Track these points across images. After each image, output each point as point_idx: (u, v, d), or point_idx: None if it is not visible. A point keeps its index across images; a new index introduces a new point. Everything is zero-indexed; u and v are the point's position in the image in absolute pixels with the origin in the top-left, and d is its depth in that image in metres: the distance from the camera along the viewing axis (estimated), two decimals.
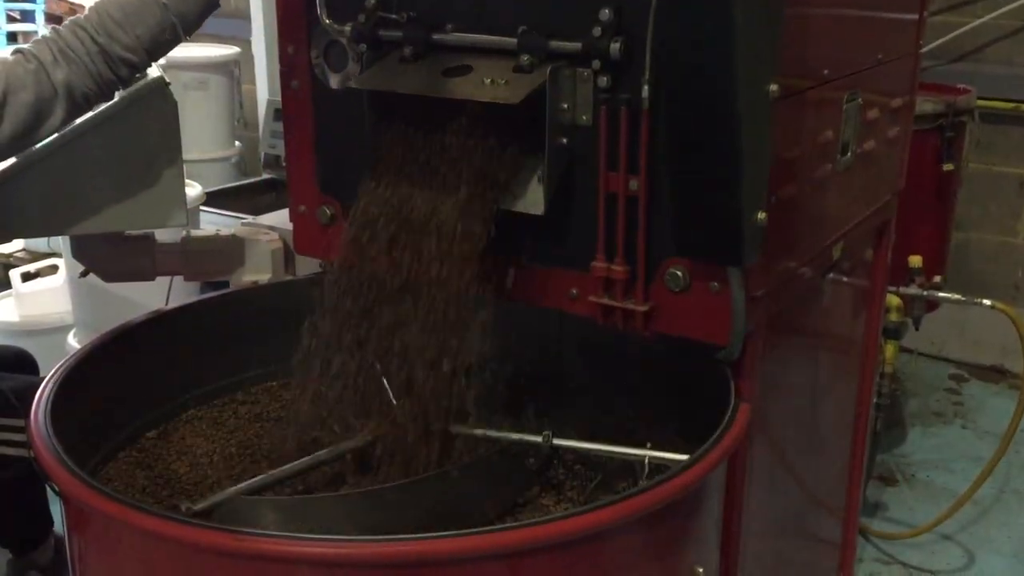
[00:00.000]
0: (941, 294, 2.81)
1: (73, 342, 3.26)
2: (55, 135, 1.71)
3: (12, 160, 1.73)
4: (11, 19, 6.47)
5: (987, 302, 2.72)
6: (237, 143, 4.74)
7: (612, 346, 1.72)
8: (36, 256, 3.94)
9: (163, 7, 1.63)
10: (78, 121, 1.74)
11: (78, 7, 5.01)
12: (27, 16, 6.48)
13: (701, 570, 1.38)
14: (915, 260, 2.84)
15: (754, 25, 1.27)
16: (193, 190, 3.04)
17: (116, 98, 1.78)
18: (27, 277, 3.63)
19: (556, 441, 1.51)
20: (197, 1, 1.67)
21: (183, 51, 4.47)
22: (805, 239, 1.67)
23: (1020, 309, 2.83)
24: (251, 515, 1.37)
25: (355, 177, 1.56)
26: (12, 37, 6.29)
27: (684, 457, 1.36)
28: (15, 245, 4.08)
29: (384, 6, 1.53)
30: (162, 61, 1.76)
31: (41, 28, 6.01)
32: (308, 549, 1.17)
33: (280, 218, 2.33)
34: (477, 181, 1.48)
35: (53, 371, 1.55)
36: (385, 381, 1.55)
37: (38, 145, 1.72)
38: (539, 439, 1.51)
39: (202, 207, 3.23)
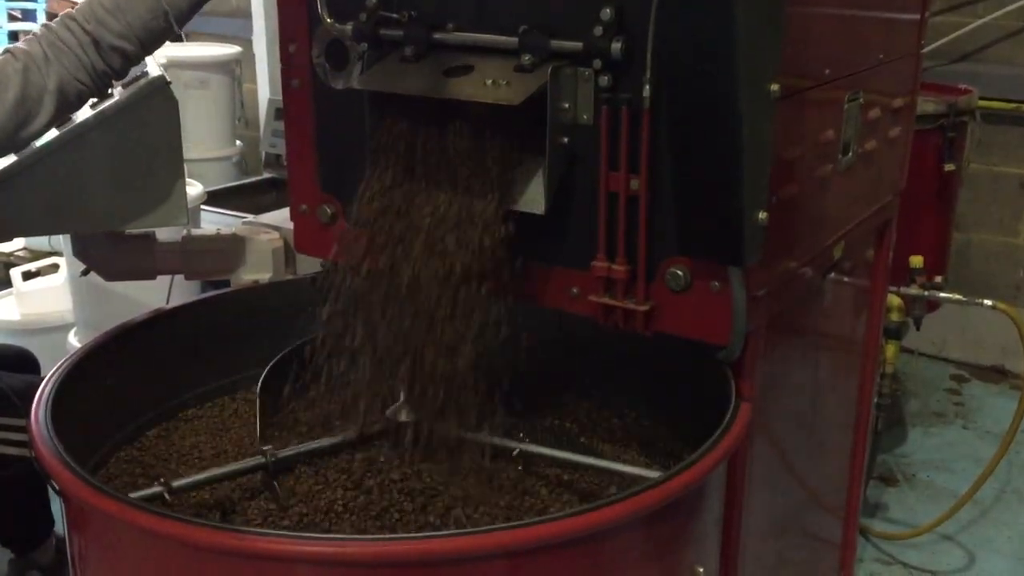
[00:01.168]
0: (942, 294, 2.81)
1: (74, 341, 3.26)
2: (55, 134, 1.71)
3: (13, 159, 1.73)
4: (12, 18, 6.47)
5: (988, 302, 2.72)
6: (238, 142, 4.74)
7: (612, 346, 1.71)
8: (37, 255, 3.95)
9: None
10: (79, 120, 1.74)
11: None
12: (28, 15, 6.48)
13: (701, 570, 1.38)
14: (916, 260, 2.84)
15: (756, 24, 1.27)
16: (194, 189, 3.05)
17: (113, 94, 1.78)
18: (28, 276, 3.64)
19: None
20: None
21: (184, 50, 4.49)
22: (806, 239, 1.67)
23: (1021, 309, 2.83)
24: None
25: (356, 176, 1.56)
26: (14, 36, 6.29)
27: (653, 474, 1.39)
28: (16, 244, 4.09)
29: (385, 5, 1.52)
30: (163, 60, 1.75)
31: None
32: (308, 548, 1.17)
33: (281, 217, 2.33)
34: (478, 181, 1.48)
35: (54, 370, 1.55)
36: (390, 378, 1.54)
37: (39, 144, 1.72)
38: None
39: (203, 206, 3.24)
